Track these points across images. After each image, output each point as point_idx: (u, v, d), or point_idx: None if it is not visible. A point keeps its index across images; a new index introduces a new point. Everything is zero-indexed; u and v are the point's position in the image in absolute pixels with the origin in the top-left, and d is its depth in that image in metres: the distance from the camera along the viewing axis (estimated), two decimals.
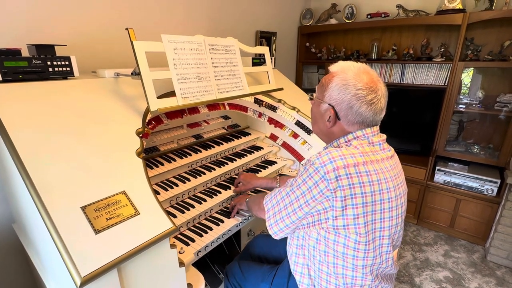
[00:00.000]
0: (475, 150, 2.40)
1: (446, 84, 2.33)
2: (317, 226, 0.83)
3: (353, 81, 0.81)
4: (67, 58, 0.98)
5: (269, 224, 0.91)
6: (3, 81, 0.86)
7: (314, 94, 0.95)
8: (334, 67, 0.88)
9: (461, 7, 2.18)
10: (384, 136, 0.90)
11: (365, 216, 0.78)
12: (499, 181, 2.15)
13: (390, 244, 0.85)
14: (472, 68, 2.33)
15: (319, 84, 0.91)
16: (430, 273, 2.02)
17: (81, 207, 0.73)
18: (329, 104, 0.85)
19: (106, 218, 0.74)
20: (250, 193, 1.43)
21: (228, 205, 1.33)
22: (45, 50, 0.95)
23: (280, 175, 1.68)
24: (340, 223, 0.78)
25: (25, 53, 0.94)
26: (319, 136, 0.98)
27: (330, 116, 0.86)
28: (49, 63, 0.94)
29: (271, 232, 0.91)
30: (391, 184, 0.82)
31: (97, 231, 0.71)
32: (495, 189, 2.16)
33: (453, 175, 2.32)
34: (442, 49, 2.37)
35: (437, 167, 2.39)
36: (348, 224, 0.78)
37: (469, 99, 2.40)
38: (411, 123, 2.60)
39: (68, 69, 0.99)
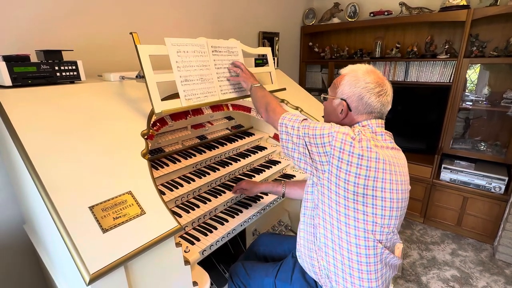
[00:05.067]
0: (482, 147, 2.37)
1: (451, 81, 2.30)
2: (319, 186, 0.89)
3: (363, 77, 0.90)
4: (74, 63, 1.01)
5: (282, 117, 0.98)
6: (13, 86, 0.89)
7: (326, 95, 1.03)
8: (344, 70, 0.98)
9: (465, 3, 2.16)
10: (390, 133, 0.93)
11: (356, 186, 0.80)
12: (506, 178, 2.12)
13: (396, 223, 0.87)
14: (479, 65, 2.31)
15: (331, 85, 1.00)
16: (437, 272, 2.00)
17: (89, 207, 0.75)
18: (341, 98, 0.93)
19: (113, 218, 0.76)
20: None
21: (233, 205, 1.35)
22: (52, 56, 0.97)
23: (284, 175, 1.69)
24: (333, 179, 0.83)
25: (33, 58, 0.96)
26: None
27: (342, 109, 0.93)
28: (56, 68, 0.97)
29: (280, 121, 0.97)
30: (393, 168, 0.83)
31: (104, 230, 0.73)
32: (503, 187, 2.14)
33: (459, 173, 2.30)
34: (447, 46, 2.35)
35: (443, 165, 2.36)
36: (339, 185, 0.82)
37: (475, 96, 2.37)
38: (416, 121, 2.58)
39: (75, 73, 1.01)
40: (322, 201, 0.90)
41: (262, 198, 1.41)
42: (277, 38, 2.66)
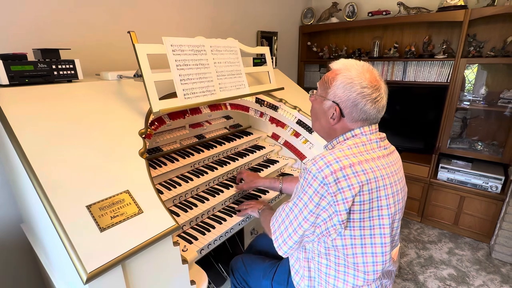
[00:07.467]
0: (479, 147, 2.38)
1: (448, 81, 2.31)
2: (326, 236, 0.82)
3: (358, 79, 0.81)
4: (72, 62, 1.01)
5: (278, 245, 0.89)
6: (10, 85, 0.88)
7: (315, 91, 0.94)
8: (336, 64, 0.88)
9: (463, 4, 2.17)
10: (383, 135, 0.90)
11: (361, 213, 0.79)
12: (503, 178, 2.14)
13: (389, 244, 0.85)
14: (476, 65, 2.32)
15: (321, 81, 0.90)
16: (434, 270, 2.01)
17: (87, 206, 0.75)
18: (333, 101, 0.85)
19: (111, 217, 0.76)
20: (253, 192, 1.45)
21: (231, 204, 1.35)
22: (50, 54, 0.97)
23: (283, 174, 1.69)
24: (337, 223, 0.78)
25: (31, 57, 0.96)
26: (320, 134, 0.97)
27: (334, 113, 0.86)
28: (54, 66, 0.96)
29: (281, 253, 0.89)
30: (387, 181, 0.82)
31: (102, 229, 0.73)
32: (499, 186, 2.15)
33: (456, 173, 2.31)
34: (444, 46, 2.36)
35: (440, 165, 2.38)
36: (354, 226, 0.80)
37: (472, 96, 2.38)
38: (414, 121, 2.58)
39: (72, 72, 1.01)
40: (317, 242, 0.86)
41: (260, 197, 1.41)
42: (275, 38, 2.66)
